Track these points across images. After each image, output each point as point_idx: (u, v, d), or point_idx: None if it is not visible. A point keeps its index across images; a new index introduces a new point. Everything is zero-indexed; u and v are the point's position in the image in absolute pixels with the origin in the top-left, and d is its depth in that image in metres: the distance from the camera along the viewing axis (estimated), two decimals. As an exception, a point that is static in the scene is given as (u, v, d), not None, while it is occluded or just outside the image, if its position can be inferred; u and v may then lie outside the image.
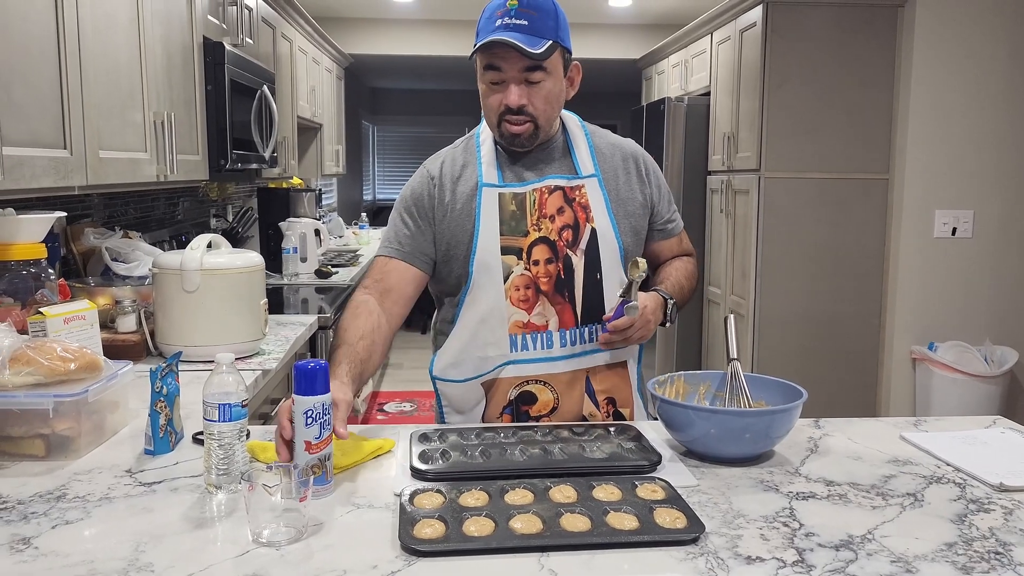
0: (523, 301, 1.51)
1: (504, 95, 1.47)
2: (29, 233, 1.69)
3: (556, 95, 1.51)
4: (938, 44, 3.53)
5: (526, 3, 1.43)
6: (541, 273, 1.51)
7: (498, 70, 1.46)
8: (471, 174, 1.56)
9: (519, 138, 1.51)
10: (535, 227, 1.52)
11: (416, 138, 9.49)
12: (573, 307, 1.53)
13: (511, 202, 1.53)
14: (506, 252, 1.51)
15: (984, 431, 1.50)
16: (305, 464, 1.14)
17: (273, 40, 3.70)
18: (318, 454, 1.15)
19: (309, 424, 1.15)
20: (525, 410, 1.55)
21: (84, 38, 1.78)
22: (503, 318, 1.51)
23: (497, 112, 1.49)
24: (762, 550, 1.01)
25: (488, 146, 1.57)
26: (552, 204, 1.53)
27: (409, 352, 6.47)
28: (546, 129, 1.53)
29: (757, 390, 1.44)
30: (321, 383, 1.15)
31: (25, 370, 1.30)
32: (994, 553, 1.01)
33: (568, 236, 1.52)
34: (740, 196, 3.93)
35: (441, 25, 5.97)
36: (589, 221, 1.53)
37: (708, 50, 4.39)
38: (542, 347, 1.53)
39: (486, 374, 1.54)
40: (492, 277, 1.50)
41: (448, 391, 1.59)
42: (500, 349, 1.52)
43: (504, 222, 1.52)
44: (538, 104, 1.48)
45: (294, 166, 4.19)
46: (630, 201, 1.59)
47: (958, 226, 3.63)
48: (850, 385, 3.80)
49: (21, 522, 1.07)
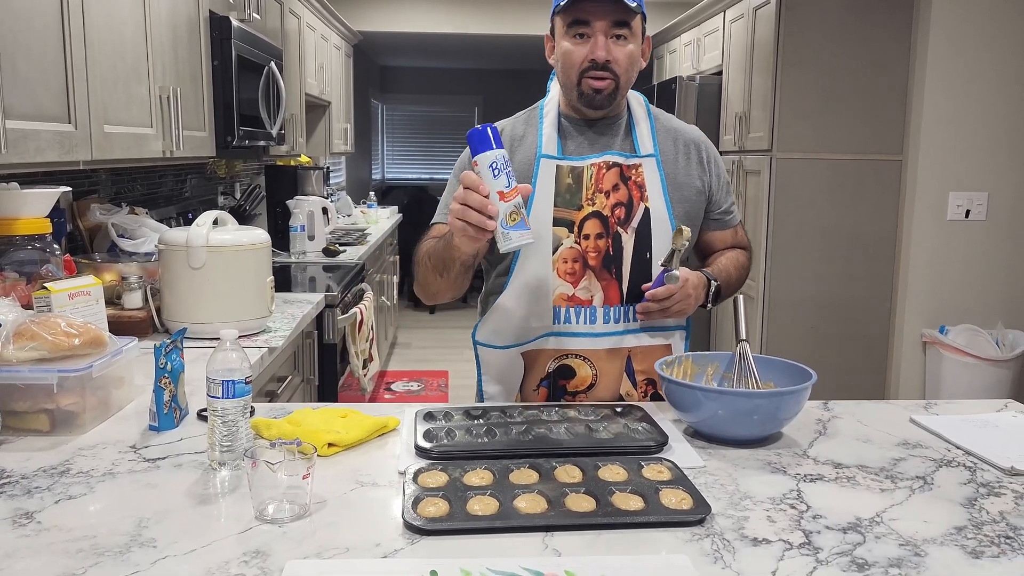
0: (570, 274, 1.51)
1: (590, 49, 1.47)
2: (34, 208, 1.68)
3: (636, 58, 1.51)
4: (954, 25, 3.47)
5: None
6: (590, 248, 1.51)
7: (586, 23, 1.46)
8: (531, 143, 1.56)
9: (600, 94, 1.49)
10: (589, 202, 1.52)
11: (426, 117, 9.42)
12: (619, 284, 1.52)
13: (568, 175, 1.53)
14: (558, 224, 1.51)
15: (995, 415, 1.48)
16: (505, 213, 1.23)
17: (281, 16, 3.67)
18: (512, 201, 1.25)
19: (496, 175, 1.25)
20: (563, 384, 1.55)
21: (88, 10, 1.77)
22: (548, 289, 1.51)
23: (579, 68, 1.48)
24: (769, 532, 1.00)
25: (551, 118, 1.57)
26: (608, 180, 1.52)
27: (417, 332, 6.48)
28: (623, 92, 1.53)
29: (766, 371, 1.42)
30: (495, 139, 1.27)
31: (29, 345, 1.29)
32: (1004, 537, 1.00)
33: (620, 213, 1.52)
34: (751, 176, 3.89)
35: (451, 2, 5.92)
36: (643, 200, 1.53)
37: (721, 29, 4.34)
38: (585, 321, 1.53)
39: (527, 343, 1.54)
40: (541, 247, 1.50)
41: (489, 358, 1.60)
42: (543, 320, 1.52)
43: (559, 194, 1.52)
44: (622, 61, 1.47)
45: (302, 144, 4.17)
46: (687, 186, 1.58)
47: (972, 208, 3.58)
48: (860, 368, 3.78)
49: (24, 496, 1.07)
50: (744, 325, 1.45)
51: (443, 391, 4.89)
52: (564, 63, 1.51)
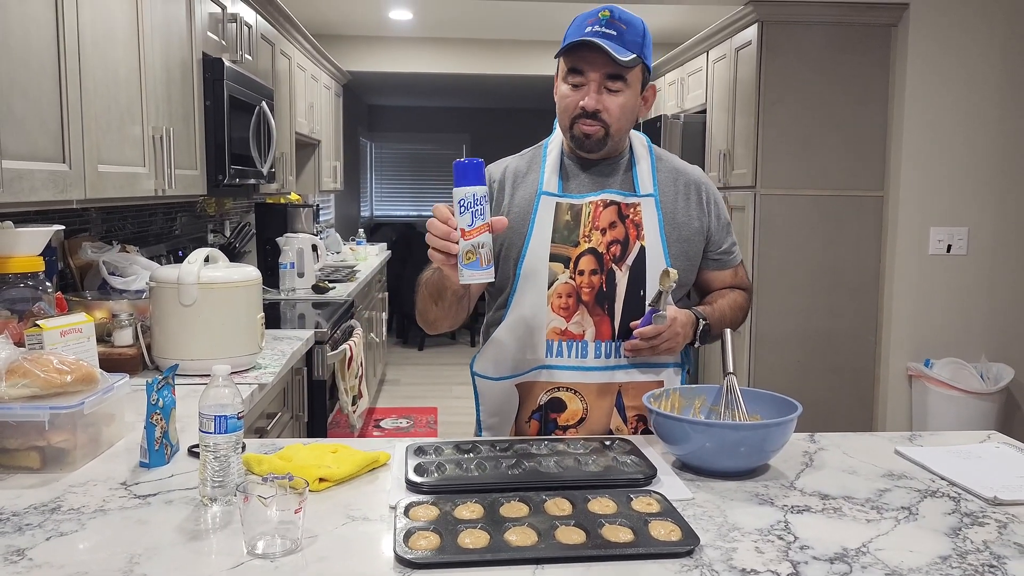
0: (563, 309, 1.54)
1: (582, 97, 1.51)
2: (27, 246, 1.69)
3: (631, 108, 1.54)
4: (931, 62, 3.56)
5: (618, 16, 1.49)
6: (584, 283, 1.54)
7: (581, 73, 1.50)
8: (533, 180, 1.60)
9: (589, 139, 1.53)
10: (585, 238, 1.55)
11: (414, 155, 9.50)
12: (611, 320, 1.55)
13: (567, 212, 1.56)
14: (554, 259, 1.54)
15: (979, 445, 1.50)
16: (461, 251, 1.25)
17: (272, 57, 3.73)
18: (472, 240, 1.27)
19: (462, 212, 1.28)
20: (553, 418, 1.57)
21: (84, 52, 1.80)
22: (542, 323, 1.54)
23: (572, 113, 1.53)
24: (757, 563, 1.01)
25: (554, 156, 1.61)
26: (605, 218, 1.55)
27: (405, 368, 6.47)
28: (616, 139, 1.56)
29: (752, 404, 1.44)
30: (473, 175, 1.28)
31: (21, 382, 1.30)
32: (988, 566, 1.01)
33: (616, 251, 1.55)
34: (736, 213, 3.95)
35: (439, 43, 6.01)
36: (640, 239, 1.56)
37: (704, 68, 4.43)
38: (576, 355, 1.55)
39: (521, 375, 1.57)
40: (537, 282, 1.54)
41: (485, 389, 1.62)
42: (536, 353, 1.55)
43: (557, 230, 1.55)
44: (612, 111, 1.51)
45: (292, 182, 4.20)
46: (685, 226, 1.61)
47: (953, 243, 3.64)
48: (846, 402, 3.80)
49: (15, 534, 1.07)
50: (731, 358, 1.47)
51: (432, 427, 4.87)
52: (560, 106, 1.56)
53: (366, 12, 5.24)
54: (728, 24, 3.97)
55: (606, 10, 1.49)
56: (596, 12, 1.50)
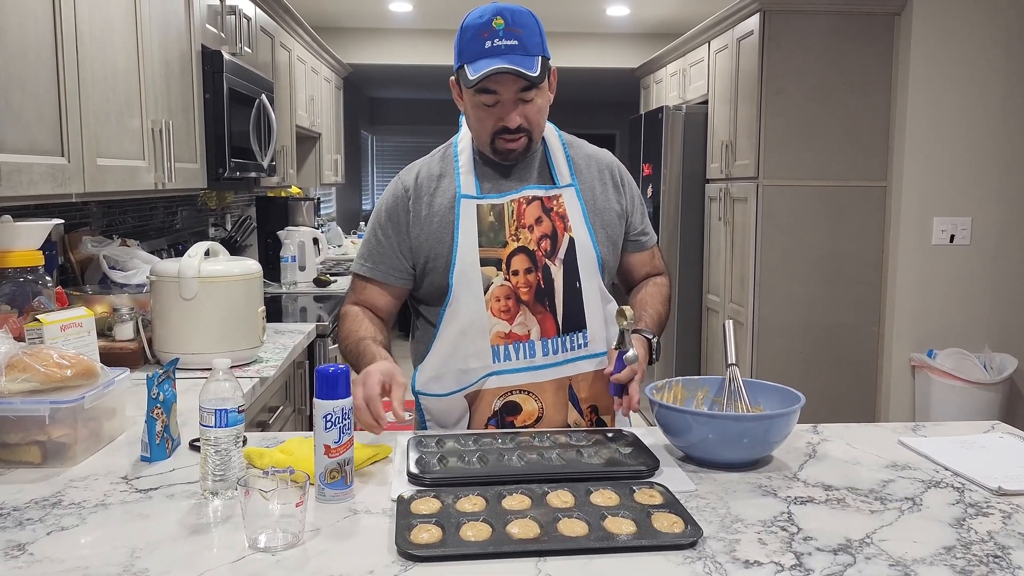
0: (504, 312, 1.51)
1: (500, 116, 1.48)
2: (26, 240, 1.69)
3: (546, 106, 1.54)
4: (935, 52, 3.54)
5: (512, 22, 1.44)
6: (521, 283, 1.52)
7: (493, 93, 1.46)
8: (448, 185, 1.56)
9: (514, 153, 1.52)
10: (513, 237, 1.52)
11: (415, 148, 9.48)
12: (554, 316, 1.53)
13: (489, 213, 1.53)
14: (485, 263, 1.51)
15: (983, 436, 1.49)
16: (324, 468, 1.14)
17: (272, 49, 3.71)
18: (337, 458, 1.15)
19: (328, 428, 1.15)
20: (510, 420, 1.54)
21: (82, 44, 1.79)
22: (484, 329, 1.51)
23: (492, 130, 1.50)
24: (760, 554, 1.00)
25: (467, 156, 1.58)
26: (530, 214, 1.53)
27: (407, 361, 6.45)
28: (537, 140, 1.55)
29: (755, 395, 1.44)
30: (342, 387, 1.16)
31: (21, 376, 1.30)
32: (992, 557, 1.01)
33: (547, 246, 1.53)
34: (738, 204, 3.93)
35: (439, 35, 5.99)
36: (567, 231, 1.54)
37: (706, 59, 4.41)
38: (525, 356, 1.52)
39: (469, 387, 1.53)
40: (472, 288, 1.50)
41: (431, 405, 1.59)
42: (482, 360, 1.52)
43: (483, 233, 1.52)
44: (533, 118, 1.50)
45: (293, 175, 4.19)
46: (607, 211, 1.60)
47: (956, 233, 3.63)
48: (850, 393, 3.80)
49: (16, 528, 1.07)
50: (734, 350, 1.47)
51: (434, 420, 4.86)
52: (476, 126, 1.52)
53: (366, 4, 5.22)
54: (730, 14, 3.94)
55: (498, 16, 1.43)
56: (488, 21, 1.43)
